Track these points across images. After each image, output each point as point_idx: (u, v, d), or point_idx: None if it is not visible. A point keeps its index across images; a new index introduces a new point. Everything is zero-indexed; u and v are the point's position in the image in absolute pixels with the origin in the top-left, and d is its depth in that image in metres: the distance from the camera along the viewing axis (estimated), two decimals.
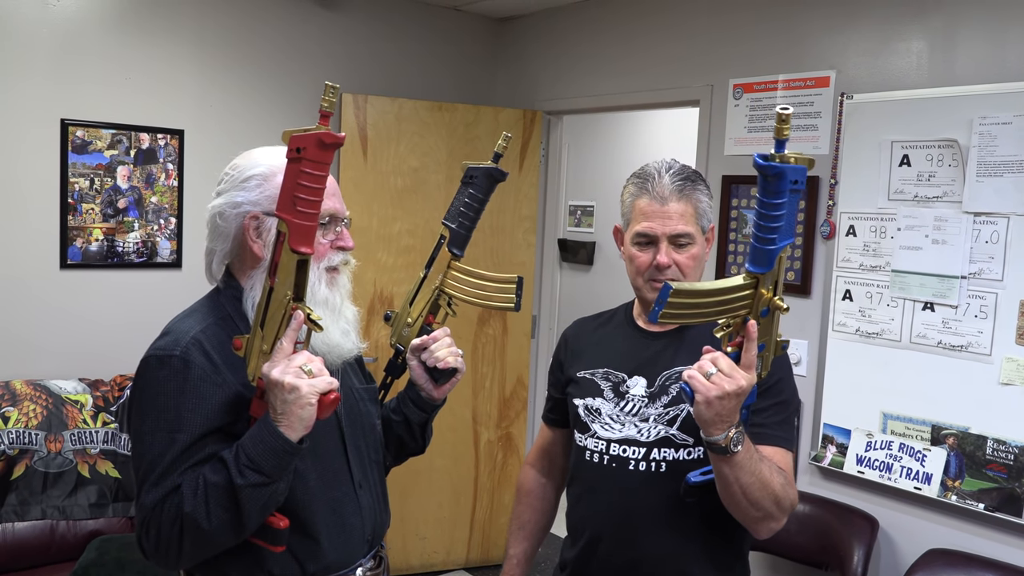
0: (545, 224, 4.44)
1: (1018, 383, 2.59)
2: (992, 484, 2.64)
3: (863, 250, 2.97)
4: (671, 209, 1.73)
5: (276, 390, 1.31)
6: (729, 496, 1.57)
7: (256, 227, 1.49)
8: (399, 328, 1.80)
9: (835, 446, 3.04)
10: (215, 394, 1.41)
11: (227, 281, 1.55)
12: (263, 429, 1.33)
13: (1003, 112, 2.61)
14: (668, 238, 1.74)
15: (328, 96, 1.29)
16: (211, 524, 1.34)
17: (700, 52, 3.56)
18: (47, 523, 2.98)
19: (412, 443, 1.81)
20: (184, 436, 1.38)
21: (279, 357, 1.33)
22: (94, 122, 3.37)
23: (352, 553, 1.58)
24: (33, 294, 3.31)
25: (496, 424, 4.28)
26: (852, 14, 3.04)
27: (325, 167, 1.29)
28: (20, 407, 3.02)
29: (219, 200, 1.52)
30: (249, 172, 1.51)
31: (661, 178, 1.76)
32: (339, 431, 1.59)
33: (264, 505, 1.36)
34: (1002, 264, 2.62)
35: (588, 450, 1.80)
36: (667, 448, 1.73)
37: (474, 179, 1.76)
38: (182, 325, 1.48)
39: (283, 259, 1.32)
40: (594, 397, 1.82)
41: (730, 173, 3.40)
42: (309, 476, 1.49)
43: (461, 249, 1.79)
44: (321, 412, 1.34)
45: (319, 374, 1.34)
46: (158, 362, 1.42)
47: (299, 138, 1.27)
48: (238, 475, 1.32)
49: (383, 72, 4.16)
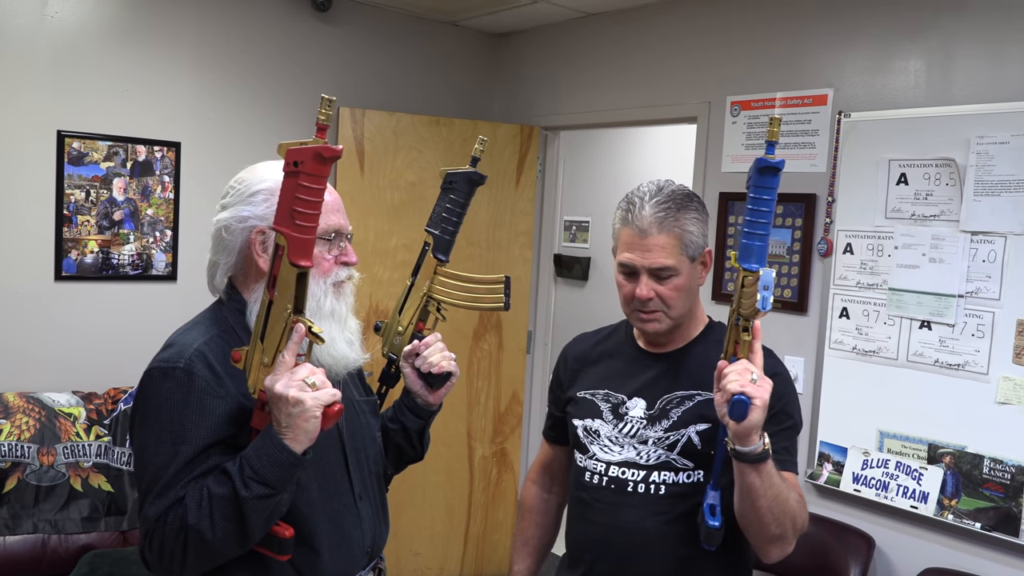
0: (541, 239, 4.44)
1: (1015, 402, 2.59)
2: (989, 503, 2.64)
3: (860, 268, 2.97)
4: (651, 242, 1.68)
5: (280, 403, 1.31)
6: (754, 512, 1.56)
7: (263, 241, 1.49)
8: (390, 337, 1.80)
9: (831, 464, 3.03)
10: (218, 406, 1.41)
11: (230, 294, 1.55)
12: (267, 441, 1.33)
13: (1000, 132, 2.61)
14: (648, 271, 1.69)
15: (324, 109, 1.29)
16: (215, 536, 1.34)
17: (698, 69, 3.57)
18: (39, 537, 2.95)
19: (411, 451, 1.82)
20: (188, 448, 1.38)
21: (282, 370, 1.33)
22: (91, 134, 3.36)
23: (352, 565, 1.57)
24: (27, 306, 3.29)
25: (491, 439, 4.26)
26: (850, 33, 3.05)
27: (323, 180, 1.29)
28: (12, 419, 2.99)
29: (225, 214, 1.52)
30: (256, 187, 1.51)
31: (643, 207, 1.69)
32: (340, 443, 1.59)
33: (268, 516, 1.36)
34: (999, 283, 2.63)
35: (587, 471, 1.79)
36: (667, 471, 1.72)
37: (454, 184, 1.77)
38: (185, 337, 1.48)
39: (282, 272, 1.32)
40: (593, 418, 1.81)
41: (727, 190, 3.40)
42: (310, 487, 1.49)
43: (446, 254, 1.79)
44: (325, 424, 1.34)
45: (322, 386, 1.34)
46: (162, 374, 1.42)
47: (296, 151, 1.27)
48: (243, 487, 1.32)
49: (381, 86, 4.17)
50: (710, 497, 1.63)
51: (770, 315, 1.52)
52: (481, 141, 1.81)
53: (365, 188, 3.92)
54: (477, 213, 3.97)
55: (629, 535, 1.72)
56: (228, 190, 1.55)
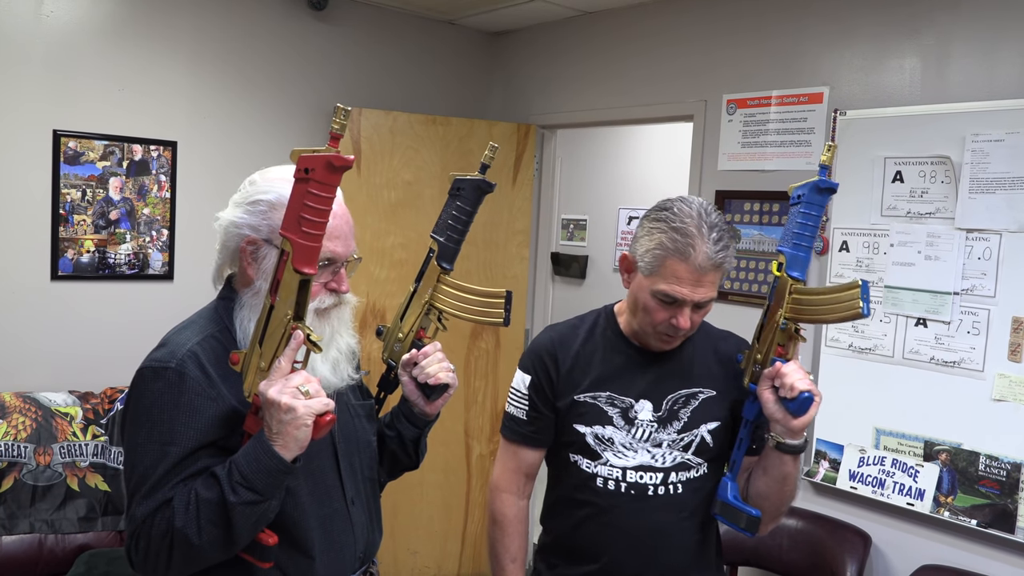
0: (538, 238, 4.44)
1: (1010, 399, 2.60)
2: (985, 500, 2.64)
3: (856, 266, 2.97)
4: (706, 278, 1.69)
5: (272, 409, 1.30)
6: (780, 495, 1.76)
7: (252, 252, 1.48)
8: (391, 343, 1.77)
9: (828, 462, 3.03)
10: (209, 408, 1.40)
11: (227, 291, 1.55)
12: (257, 447, 1.32)
13: (995, 129, 2.62)
14: (695, 304, 1.71)
15: (339, 118, 1.29)
16: (201, 539, 1.33)
17: (694, 67, 3.58)
18: (35, 537, 2.95)
19: (406, 459, 1.80)
20: (176, 449, 1.37)
21: (276, 376, 1.32)
22: (87, 133, 3.36)
23: (343, 570, 1.57)
24: (23, 305, 3.29)
25: (488, 438, 4.26)
26: (846, 31, 3.05)
27: (332, 189, 1.28)
28: (9, 419, 2.99)
29: (227, 213, 1.51)
30: (259, 196, 1.49)
31: (703, 244, 1.66)
32: (332, 447, 1.58)
33: (255, 522, 1.36)
34: (994, 281, 2.63)
35: (600, 477, 1.81)
36: (683, 471, 1.81)
37: (461, 191, 1.73)
38: (179, 337, 1.47)
39: (285, 278, 1.32)
40: (604, 425, 1.81)
41: (723, 188, 3.40)
42: (300, 492, 1.48)
43: (450, 263, 1.75)
44: (316, 433, 1.33)
45: (316, 395, 1.33)
46: (153, 374, 1.41)
47: (308, 159, 1.27)
48: (231, 492, 1.31)
49: (377, 85, 4.17)
50: (732, 488, 1.77)
51: None
52: (492, 148, 1.74)
53: (362, 187, 3.93)
54: None
55: (653, 535, 1.79)
56: (242, 186, 1.54)
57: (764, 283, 3.23)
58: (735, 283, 3.32)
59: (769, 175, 3.26)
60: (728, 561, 3.13)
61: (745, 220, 3.31)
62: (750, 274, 3.29)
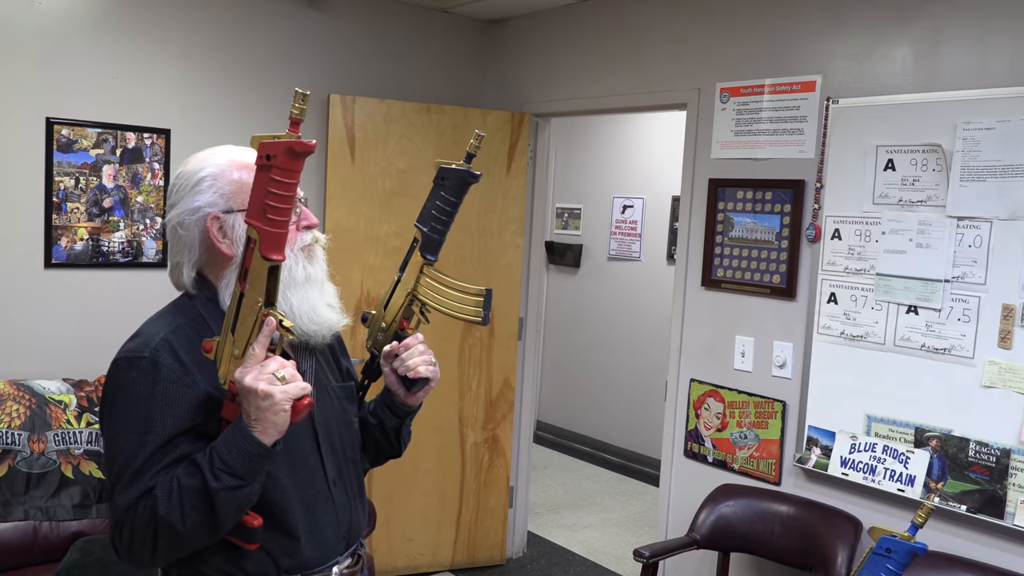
0: (532, 226, 4.45)
1: (1000, 386, 2.62)
2: (974, 486, 2.66)
3: (848, 253, 2.99)
4: None
5: (250, 396, 1.31)
6: None
7: (219, 227, 1.49)
8: (374, 331, 1.76)
9: (819, 448, 3.05)
10: (185, 395, 1.41)
11: (200, 285, 1.54)
12: (237, 433, 1.34)
13: (986, 118, 2.63)
14: None
15: (299, 103, 1.28)
16: (185, 526, 1.34)
17: (687, 56, 3.58)
18: (30, 524, 2.96)
19: (388, 447, 1.80)
20: (154, 438, 1.38)
21: (252, 363, 1.33)
22: (80, 121, 3.36)
23: (328, 551, 1.58)
24: (17, 293, 3.29)
25: (482, 426, 4.28)
26: (838, 19, 3.06)
27: (295, 175, 1.28)
28: (3, 407, 3.00)
29: (175, 211, 1.51)
30: (198, 176, 1.50)
31: None
32: (312, 429, 1.59)
33: (238, 507, 1.37)
34: (985, 268, 2.65)
35: None
36: None
37: (445, 180, 1.70)
38: (151, 327, 1.49)
39: (254, 265, 1.32)
40: None
41: (717, 176, 3.41)
42: (280, 474, 1.49)
43: (434, 254, 1.72)
44: (294, 417, 1.34)
45: (292, 380, 1.34)
46: (128, 364, 1.43)
47: (269, 145, 1.26)
48: (212, 479, 1.33)
49: (371, 73, 4.16)
50: None
51: (760, 300, 1.57)
52: (477, 136, 1.72)
53: (356, 175, 3.92)
54: (468, 200, 3.92)
55: None
56: (172, 188, 1.54)
57: (757, 271, 3.24)
58: (727, 271, 3.33)
59: (762, 163, 3.26)
60: (719, 547, 3.15)
61: (738, 208, 3.32)
62: (743, 262, 3.29)
